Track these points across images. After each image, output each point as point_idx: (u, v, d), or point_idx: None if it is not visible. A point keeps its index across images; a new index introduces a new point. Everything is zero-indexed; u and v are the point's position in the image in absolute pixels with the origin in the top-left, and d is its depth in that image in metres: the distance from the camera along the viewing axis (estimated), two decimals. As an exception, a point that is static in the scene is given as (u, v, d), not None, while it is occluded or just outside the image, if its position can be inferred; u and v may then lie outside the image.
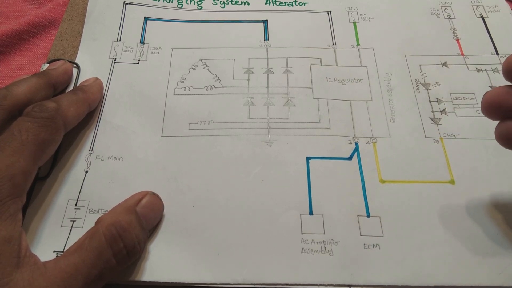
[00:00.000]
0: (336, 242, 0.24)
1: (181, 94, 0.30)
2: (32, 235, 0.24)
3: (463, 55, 0.33)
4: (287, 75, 0.31)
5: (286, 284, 0.23)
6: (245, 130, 0.29)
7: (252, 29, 0.34)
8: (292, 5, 0.36)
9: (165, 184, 0.26)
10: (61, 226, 0.25)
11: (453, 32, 0.34)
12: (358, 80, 0.31)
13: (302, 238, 0.25)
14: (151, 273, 0.23)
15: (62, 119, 0.24)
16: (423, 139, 0.29)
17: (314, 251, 0.24)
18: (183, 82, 0.31)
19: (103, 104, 0.30)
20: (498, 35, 0.34)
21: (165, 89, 0.31)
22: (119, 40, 0.33)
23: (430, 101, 0.30)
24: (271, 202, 0.26)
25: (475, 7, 0.36)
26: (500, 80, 0.31)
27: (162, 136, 0.28)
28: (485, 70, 0.32)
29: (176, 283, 0.23)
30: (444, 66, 0.32)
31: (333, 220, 0.25)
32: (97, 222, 0.22)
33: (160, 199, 0.25)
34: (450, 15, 0.35)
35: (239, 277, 0.23)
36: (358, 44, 0.33)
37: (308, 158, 0.27)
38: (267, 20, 0.35)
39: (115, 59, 0.32)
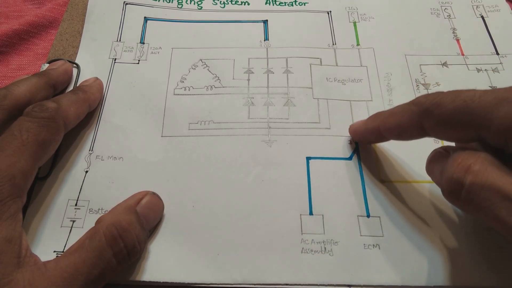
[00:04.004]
0: (336, 242, 0.24)
1: (181, 94, 0.30)
2: (32, 235, 0.24)
3: (463, 55, 0.33)
4: (287, 75, 0.31)
5: (286, 284, 0.23)
6: (245, 130, 0.29)
7: (252, 29, 0.34)
8: (292, 5, 0.36)
9: (165, 184, 0.26)
10: (61, 226, 0.25)
11: (453, 32, 0.34)
12: (358, 80, 0.31)
13: (302, 238, 0.25)
14: (151, 273, 0.23)
15: (62, 119, 0.24)
16: (423, 139, 0.29)
17: (314, 251, 0.24)
18: (183, 82, 0.31)
19: (103, 104, 0.30)
20: (498, 35, 0.34)
21: (165, 89, 0.31)
22: (119, 40, 0.33)
23: (430, 101, 0.30)
24: (271, 202, 0.26)
25: (475, 7, 0.36)
26: (500, 80, 0.31)
27: (162, 136, 0.28)
28: (485, 70, 0.32)
29: (176, 283, 0.23)
30: (444, 66, 0.32)
31: (333, 220, 0.25)
32: (97, 222, 0.22)
33: (160, 199, 0.25)
34: (450, 15, 0.35)
35: (239, 277, 0.23)
36: (358, 44, 0.33)
37: (308, 158, 0.27)
38: (267, 20, 0.35)
39: (115, 59, 0.32)
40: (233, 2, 0.36)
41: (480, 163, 0.18)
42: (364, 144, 0.28)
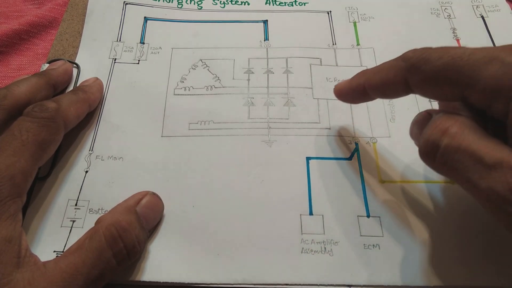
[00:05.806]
0: (336, 242, 0.24)
1: (181, 94, 0.30)
2: (32, 235, 0.24)
3: (463, 55, 0.33)
4: (287, 75, 0.31)
5: (286, 284, 0.23)
6: (245, 130, 0.29)
7: (252, 29, 0.34)
8: (292, 5, 0.36)
9: (165, 184, 0.26)
10: (61, 226, 0.25)
11: (453, 32, 0.34)
12: (358, 80, 0.31)
13: (302, 239, 0.25)
14: (151, 273, 0.23)
15: (63, 119, 0.24)
16: (423, 139, 0.29)
17: (314, 251, 0.24)
18: (183, 82, 0.31)
19: (103, 104, 0.30)
20: (498, 35, 0.34)
21: (165, 89, 0.31)
22: (119, 40, 0.33)
23: (430, 101, 0.30)
24: (271, 202, 0.26)
25: (475, 7, 0.36)
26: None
27: (162, 136, 0.28)
28: (485, 70, 0.32)
29: (176, 283, 0.23)
30: (444, 66, 0.32)
31: (333, 220, 0.25)
32: (97, 222, 0.22)
33: (160, 199, 0.25)
34: (450, 15, 0.35)
35: (239, 277, 0.23)
36: (358, 44, 0.33)
37: (308, 159, 0.27)
38: (267, 20, 0.35)
39: (115, 59, 0.32)
40: (233, 2, 0.36)
41: (457, 126, 0.18)
42: (350, 103, 0.27)
